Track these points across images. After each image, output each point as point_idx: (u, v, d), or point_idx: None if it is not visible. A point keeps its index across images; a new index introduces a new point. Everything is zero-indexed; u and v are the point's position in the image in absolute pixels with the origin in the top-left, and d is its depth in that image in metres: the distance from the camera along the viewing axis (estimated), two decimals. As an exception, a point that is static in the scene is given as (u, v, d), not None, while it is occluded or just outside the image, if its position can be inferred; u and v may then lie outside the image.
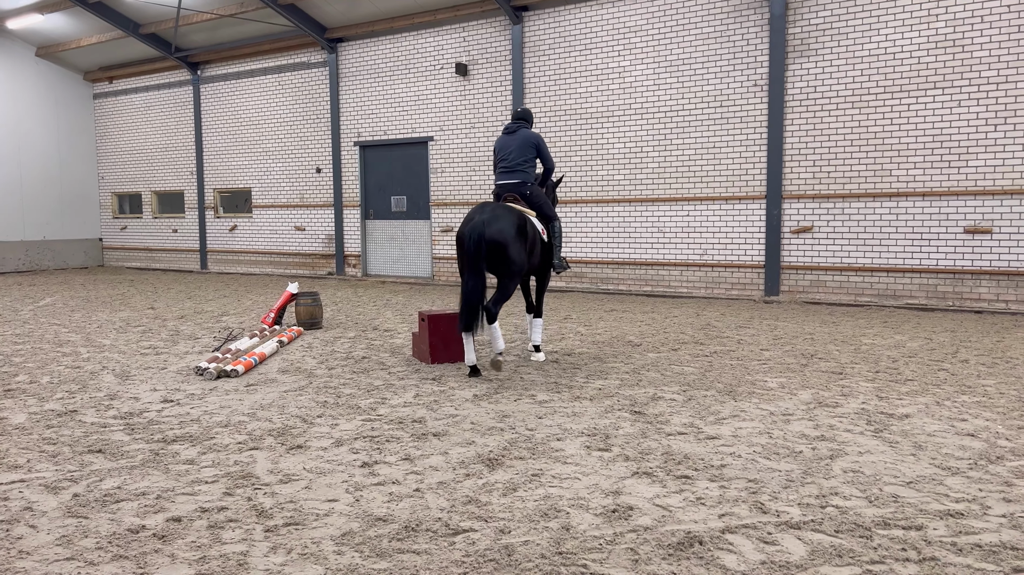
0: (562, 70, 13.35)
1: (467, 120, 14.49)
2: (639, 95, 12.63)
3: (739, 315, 10.09)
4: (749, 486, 3.82)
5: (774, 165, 11.47)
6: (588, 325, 9.31)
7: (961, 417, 5.02)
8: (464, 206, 14.67)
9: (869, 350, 7.47)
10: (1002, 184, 10.01)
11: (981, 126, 10.09)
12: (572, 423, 5.00)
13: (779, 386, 5.98)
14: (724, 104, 11.89)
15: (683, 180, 12.34)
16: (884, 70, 10.64)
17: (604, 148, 13.05)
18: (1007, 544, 3.11)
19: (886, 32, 10.59)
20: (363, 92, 15.79)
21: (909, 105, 10.51)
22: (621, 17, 12.68)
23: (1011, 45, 9.82)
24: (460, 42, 14.43)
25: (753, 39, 11.57)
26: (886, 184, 10.73)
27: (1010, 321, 9.34)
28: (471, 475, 4.04)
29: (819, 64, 11.09)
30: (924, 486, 3.79)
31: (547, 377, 6.37)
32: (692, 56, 12.10)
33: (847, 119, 10.95)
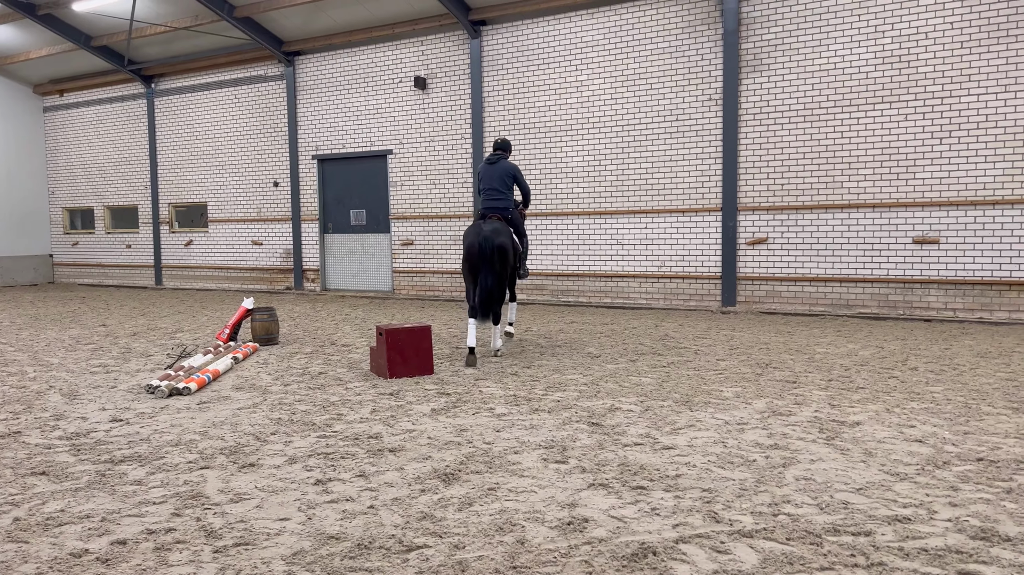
0: (521, 84, 13.42)
1: (427, 133, 14.48)
2: (597, 109, 12.75)
3: (697, 326, 10.19)
4: (703, 495, 3.85)
5: (729, 178, 11.65)
6: (548, 337, 9.33)
7: (910, 424, 5.12)
8: (425, 219, 14.63)
9: (822, 359, 7.60)
10: (948, 196, 10.29)
11: (927, 139, 10.37)
12: (530, 436, 4.99)
13: (734, 395, 6.05)
14: (680, 118, 12.06)
15: (641, 193, 12.47)
16: (834, 84, 10.89)
17: (563, 161, 13.13)
18: (952, 548, 3.17)
19: (836, 48, 10.85)
20: (321, 105, 15.69)
21: (859, 119, 10.77)
22: (578, 32, 12.81)
23: (954, 61, 10.14)
24: (419, 56, 14.43)
25: (707, 54, 11.77)
26: (838, 196, 10.97)
27: (957, 329, 9.59)
28: (427, 491, 4.00)
29: (771, 79, 11.32)
30: (873, 492, 3.85)
31: (506, 390, 6.36)
32: (648, 71, 12.26)
33: (799, 132, 11.18)
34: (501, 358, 7.89)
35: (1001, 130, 9.92)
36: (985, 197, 10.07)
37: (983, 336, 8.93)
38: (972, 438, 4.75)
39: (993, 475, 4.06)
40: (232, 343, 8.76)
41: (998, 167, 9.97)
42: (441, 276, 14.57)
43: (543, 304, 13.25)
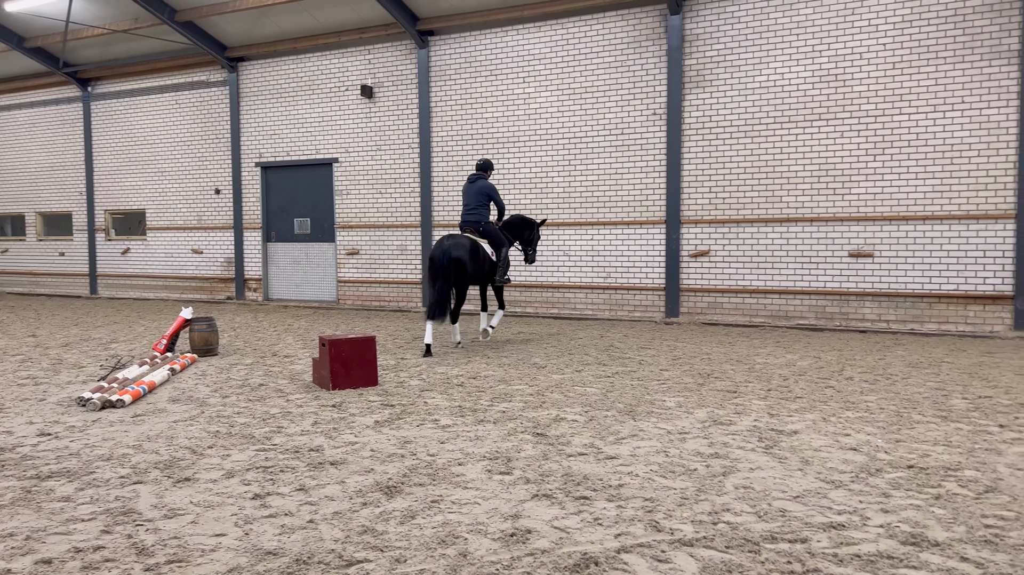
0: (469, 95, 13.44)
1: (373, 142, 14.38)
2: (544, 121, 12.85)
3: (641, 336, 10.31)
4: (645, 505, 3.88)
5: (673, 191, 11.84)
6: (495, 347, 9.32)
7: (845, 432, 5.26)
8: (371, 228, 14.51)
9: (762, 369, 7.76)
10: (882, 211, 10.65)
11: (862, 156, 10.72)
12: (474, 447, 4.96)
13: (677, 405, 6.12)
14: (625, 132, 12.23)
15: (587, 205, 12.58)
16: (774, 102, 11.19)
17: (511, 173, 13.18)
18: (884, 553, 3.25)
19: (775, 66, 11.15)
20: (265, 112, 15.46)
21: (797, 135, 11.08)
22: (525, 44, 12.90)
23: (887, 80, 10.51)
24: (366, 64, 14.34)
25: (652, 69, 11.97)
26: (777, 210, 11.24)
27: (891, 339, 9.90)
28: (368, 504, 3.94)
29: (714, 95, 11.56)
30: (810, 500, 3.93)
31: (451, 401, 6.32)
32: (595, 84, 12.41)
33: (740, 148, 11.44)
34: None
35: (931, 148, 10.32)
36: (916, 212, 10.44)
37: (915, 347, 9.24)
38: (903, 446, 4.90)
39: (923, 482, 4.18)
40: (169, 354, 8.53)
41: (928, 183, 10.36)
42: (388, 286, 14.45)
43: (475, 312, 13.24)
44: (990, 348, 9.06)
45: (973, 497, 3.93)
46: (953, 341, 9.69)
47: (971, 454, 4.70)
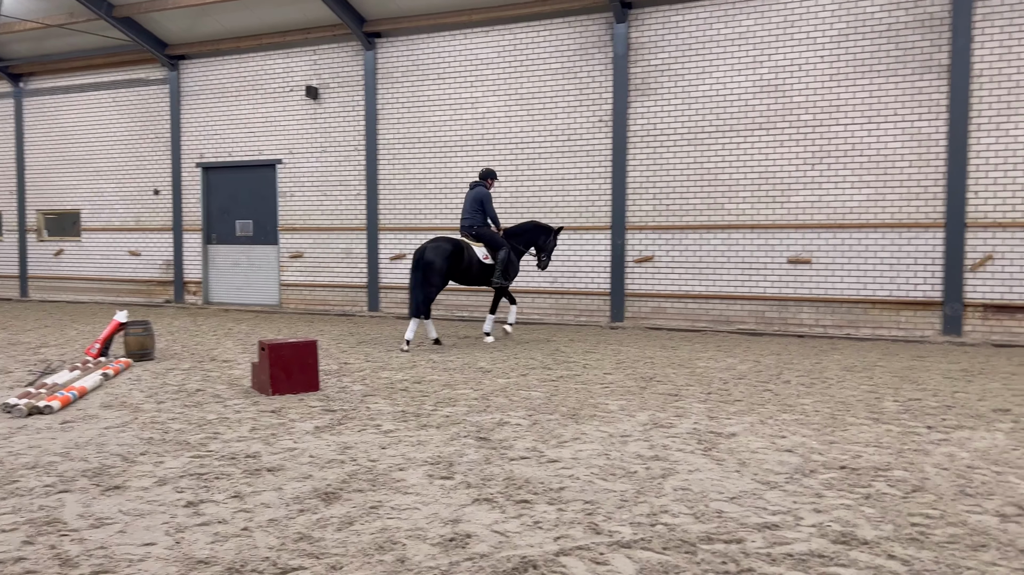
0: (416, 98, 13.38)
1: (318, 144, 14.20)
2: (491, 126, 12.86)
3: (586, 340, 10.38)
4: (585, 508, 3.90)
5: (618, 197, 11.97)
6: (441, 353, 9.27)
7: (781, 434, 5.37)
8: (315, 231, 14.31)
9: (703, 373, 7.88)
10: (819, 219, 10.93)
11: (800, 165, 11.00)
12: (416, 452, 4.92)
13: (619, 408, 6.18)
14: (572, 138, 12.32)
15: (534, 210, 12.63)
16: (716, 111, 11.40)
17: (458, 177, 13.15)
18: (815, 552, 3.32)
19: (718, 76, 11.37)
20: (207, 112, 15.13)
21: (738, 144, 11.31)
22: (473, 49, 12.91)
23: (825, 92, 10.81)
24: (311, 65, 14.16)
25: (598, 76, 12.09)
26: (719, 217, 11.45)
27: (827, 344, 10.16)
28: (305, 510, 3.87)
29: (658, 103, 11.73)
30: (746, 501, 4.00)
31: (394, 406, 6.26)
32: (542, 90, 12.48)
33: (684, 155, 11.63)
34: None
35: (866, 158, 10.64)
36: (852, 220, 10.75)
37: (850, 351, 9.50)
38: (837, 447, 5.02)
39: (854, 482, 4.30)
40: (103, 359, 8.26)
41: (863, 192, 10.68)
42: (332, 290, 14.26)
43: (437, 319, 13.17)
44: (920, 352, 9.37)
45: (901, 496, 4.05)
46: (886, 345, 10.00)
47: (900, 455, 4.84)
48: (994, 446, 5.05)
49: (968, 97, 10.03)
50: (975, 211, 10.14)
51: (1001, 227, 10.02)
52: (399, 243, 13.70)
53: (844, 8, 10.64)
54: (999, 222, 10.01)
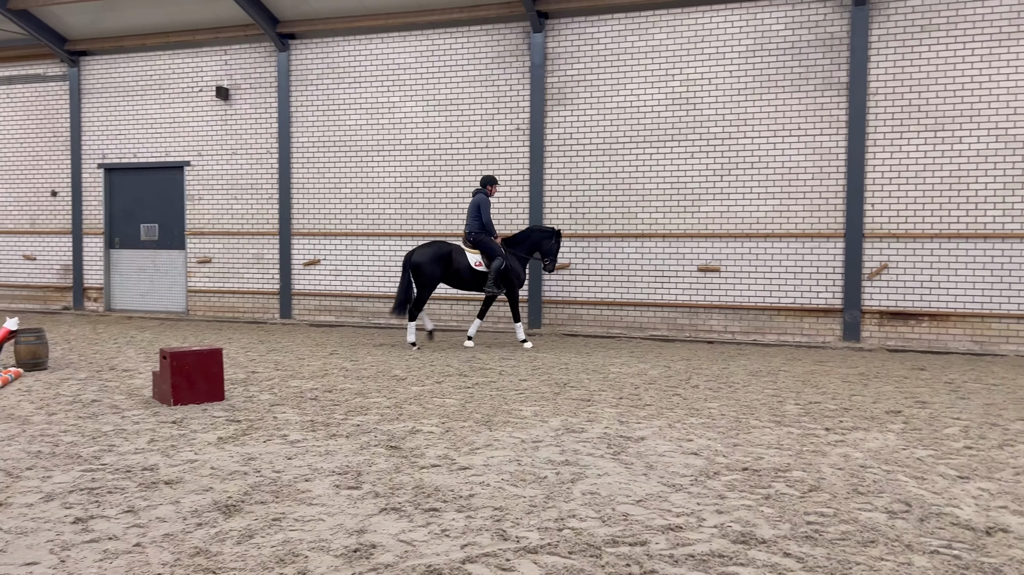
0: (331, 101, 13.17)
1: (228, 146, 13.79)
2: (409, 131, 12.77)
3: (503, 347, 10.40)
4: (494, 514, 3.88)
5: (535, 205, 12.06)
6: (354, 360, 9.12)
7: (688, 437, 5.49)
8: (225, 235, 13.88)
9: (616, 378, 8.00)
10: (728, 228, 11.28)
11: (710, 176, 11.33)
12: (324, 462, 4.81)
13: (533, 414, 6.20)
14: (490, 145, 12.35)
15: (452, 216, 12.59)
16: (630, 121, 11.64)
17: (375, 182, 13.00)
18: (716, 553, 3.40)
19: (632, 87, 11.61)
20: (110, 111, 14.50)
21: (651, 155, 11.57)
22: (390, 54, 12.80)
23: (733, 106, 11.18)
24: (222, 65, 13.76)
25: (516, 85, 12.17)
26: (633, 226, 11.68)
27: (735, 350, 10.48)
28: (204, 524, 3.72)
29: (575, 113, 11.89)
30: (651, 503, 4.06)
31: (303, 415, 6.11)
32: (460, 97, 12.47)
33: (599, 165, 11.82)
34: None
35: (771, 170, 11.04)
36: (758, 230, 11.13)
37: (756, 356, 9.82)
38: (740, 449, 5.17)
39: (755, 483, 4.42)
40: (-11, 369, 7.77)
41: (769, 203, 11.08)
42: (242, 296, 13.86)
43: (353, 326, 12.97)
44: (822, 357, 9.77)
45: (798, 496, 4.19)
46: (790, 351, 10.38)
47: (799, 456, 5.02)
48: (885, 446, 5.29)
49: (865, 114, 10.54)
50: (872, 222, 10.65)
51: (895, 238, 10.56)
52: (313, 248, 13.43)
53: (751, 25, 11.04)
54: (894, 233, 10.55)
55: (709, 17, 11.23)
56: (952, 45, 10.20)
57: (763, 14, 10.98)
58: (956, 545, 3.50)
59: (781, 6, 10.89)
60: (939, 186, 10.35)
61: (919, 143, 10.40)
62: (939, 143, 10.32)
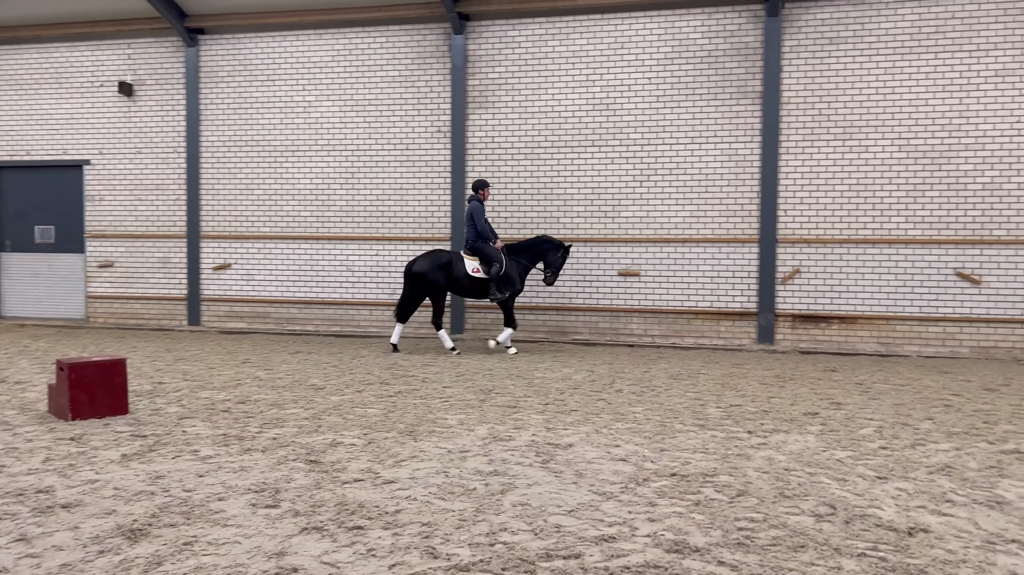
0: (243, 99, 12.69)
1: (133, 144, 13.11)
2: (326, 131, 12.43)
3: (426, 353, 10.21)
4: (423, 530, 3.72)
5: (458, 209, 11.91)
6: (269, 369, 8.76)
7: (615, 443, 5.46)
8: (129, 239, 13.18)
9: (541, 383, 7.94)
10: (647, 233, 11.41)
11: (630, 182, 11.44)
12: (238, 479, 4.54)
13: (458, 423, 6.05)
14: (410, 147, 12.14)
15: (372, 219, 12.32)
16: (552, 126, 11.64)
17: (290, 183, 12.59)
18: (651, 563, 3.34)
19: (553, 92, 11.62)
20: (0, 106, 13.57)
21: (572, 160, 11.60)
22: (306, 51, 12.43)
23: (652, 112, 11.32)
24: (125, 59, 13.08)
25: (437, 87, 12.01)
26: (554, 231, 11.67)
27: (655, 353, 10.60)
28: (106, 552, 3.43)
29: (496, 116, 11.82)
30: (583, 513, 3.98)
31: (215, 429, 5.79)
32: (379, 98, 12.21)
33: (521, 169, 11.77)
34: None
35: (689, 176, 11.24)
36: (677, 235, 11.31)
37: (676, 359, 9.95)
38: (667, 455, 5.16)
39: (684, 489, 4.41)
40: None
41: (687, 209, 11.27)
42: (148, 302, 13.18)
43: (266, 333, 12.51)
44: (739, 360, 9.98)
45: (727, 501, 4.20)
46: (708, 354, 10.57)
47: (725, 460, 5.05)
48: (807, 448, 5.39)
49: (778, 122, 10.86)
50: (785, 228, 10.97)
51: (807, 243, 10.90)
52: (224, 252, 12.90)
53: (669, 33, 11.22)
54: (805, 238, 10.89)
55: (628, 24, 11.35)
56: (859, 58, 10.62)
57: (681, 22, 11.17)
58: (881, 547, 3.55)
59: (698, 15, 11.10)
60: (847, 193, 10.75)
61: (829, 151, 10.78)
62: (847, 151, 10.72)
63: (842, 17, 10.66)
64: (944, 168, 10.44)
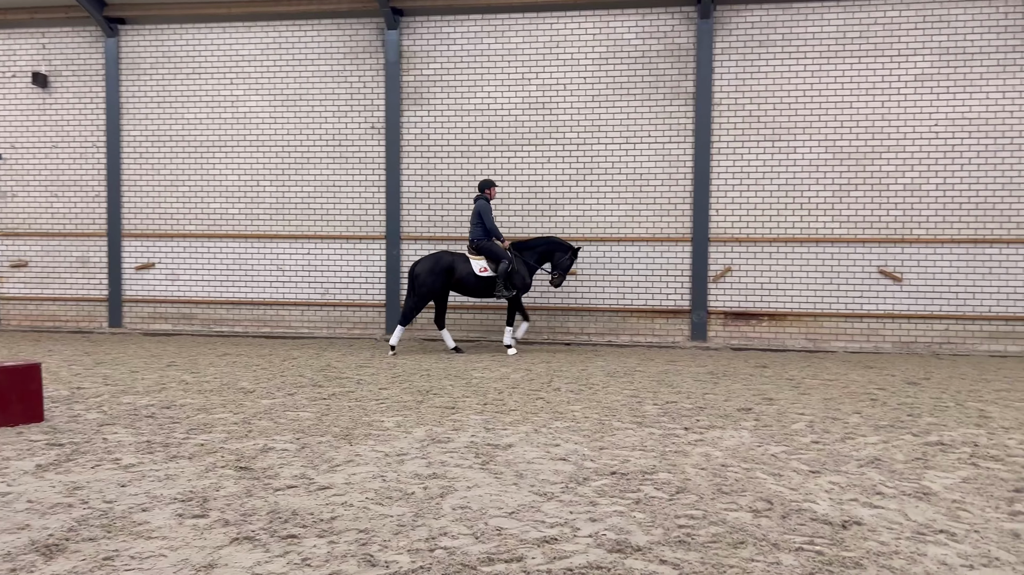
0: (168, 92, 12.23)
1: (48, 138, 12.49)
2: (255, 127, 12.08)
3: (360, 354, 10.02)
4: (359, 537, 3.61)
5: (393, 207, 11.74)
6: (195, 372, 8.44)
7: (555, 442, 5.42)
8: (44, 237, 12.56)
9: (479, 383, 7.86)
10: (583, 232, 11.46)
11: (567, 181, 11.47)
12: (163, 489, 4.33)
13: (395, 425, 5.93)
14: (343, 143, 11.90)
15: (303, 217, 12.03)
16: (488, 124, 11.58)
17: (217, 179, 12.19)
18: (594, 564, 3.30)
19: (489, 90, 11.56)
20: (-99, 94, 12.77)
21: (509, 158, 11.56)
22: (234, 44, 12.05)
23: (588, 112, 11.37)
24: (39, 49, 12.44)
25: (370, 82, 11.80)
26: (491, 228, 11.61)
27: (592, 351, 10.65)
28: (19, 570, 3.21)
29: (432, 113, 11.69)
30: (524, 515, 3.93)
31: (138, 436, 5.52)
32: (310, 92, 11.93)
33: (457, 167, 11.67)
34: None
35: (624, 176, 11.33)
36: (612, 235, 11.39)
37: (612, 357, 10.01)
38: (607, 453, 5.16)
39: (624, 487, 4.40)
40: None
41: (622, 208, 11.36)
42: (65, 304, 12.58)
43: (192, 335, 12.09)
44: (673, 357, 10.11)
45: (667, 499, 4.20)
46: (644, 351, 10.68)
47: (663, 457, 5.07)
48: (742, 444, 5.46)
49: (710, 123, 11.04)
50: (716, 227, 11.16)
51: (738, 242, 11.12)
52: (147, 251, 12.41)
53: (604, 33, 11.28)
54: (736, 237, 11.11)
55: (564, 23, 11.37)
56: (787, 60, 10.89)
57: (615, 23, 11.25)
58: (818, 541, 3.60)
59: (632, 16, 11.20)
60: (776, 193, 11.00)
61: (759, 152, 11.02)
62: (776, 152, 10.97)
63: (771, 20, 10.90)
64: (868, 169, 10.80)
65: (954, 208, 10.65)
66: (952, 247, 10.66)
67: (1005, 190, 10.54)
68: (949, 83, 10.58)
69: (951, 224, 10.66)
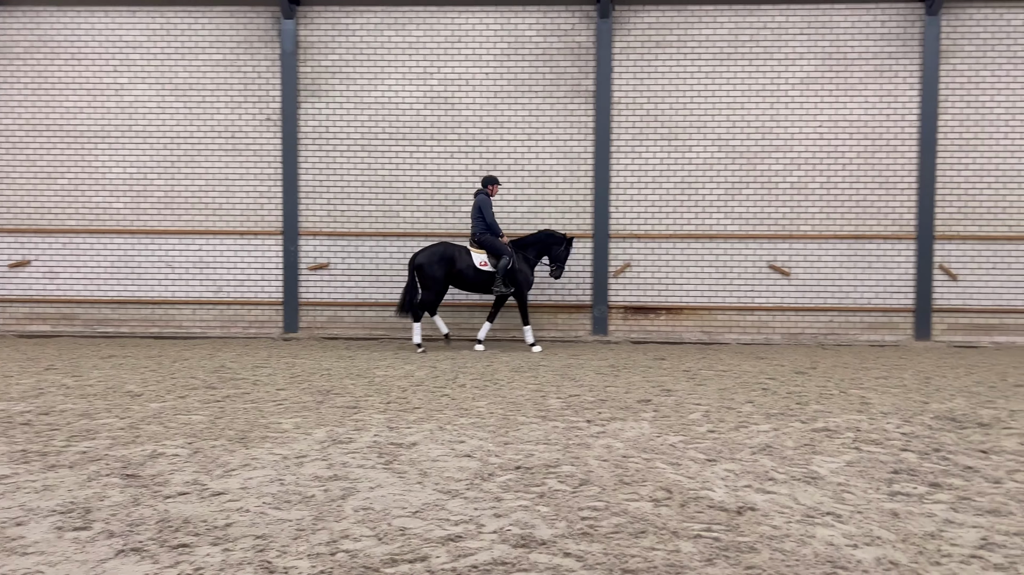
0: (44, 79, 11.46)
1: (-93, 125, 11.50)
2: (141, 117, 11.48)
3: (256, 354, 9.69)
4: (256, 544, 3.47)
5: (290, 201, 11.41)
6: (77, 375, 7.95)
7: (460, 439, 5.39)
8: (-97, 234, 11.55)
9: (382, 382, 7.74)
10: (486, 227, 11.45)
11: (470, 176, 11.44)
12: (41, 500, 4.04)
13: (294, 427, 5.76)
14: (237, 136, 11.48)
15: (194, 212, 11.53)
16: (389, 118, 11.41)
17: (99, 172, 11.52)
18: (498, 560, 3.29)
19: (389, 83, 11.39)
20: None
21: (412, 153, 11.43)
22: (117, 29, 11.41)
23: (490, 108, 11.37)
24: None
25: (265, 72, 11.42)
26: (394, 225, 11.46)
27: (496, 347, 10.66)
28: None
29: (330, 105, 11.41)
30: (428, 513, 3.88)
31: (12, 445, 5.15)
32: (201, 82, 11.44)
33: (358, 161, 11.45)
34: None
35: (527, 173, 11.40)
36: (516, 232, 11.43)
37: (516, 353, 10.06)
38: (511, 448, 5.17)
39: (529, 482, 4.42)
40: None
41: (525, 205, 11.42)
42: (-71, 305, 11.62)
43: (74, 336, 11.40)
44: (576, 351, 10.25)
45: (571, 492, 4.24)
46: (548, 346, 10.78)
47: (567, 450, 5.12)
48: (642, 435, 5.58)
49: (610, 121, 11.24)
50: (616, 224, 11.39)
51: (637, 238, 11.38)
52: (21, 248, 11.61)
53: (505, 30, 11.31)
54: (635, 233, 11.36)
55: (465, 18, 11.32)
56: (683, 61, 11.21)
57: (516, 19, 11.29)
58: (715, 527, 3.72)
59: (533, 12, 11.27)
60: (673, 191, 11.32)
61: (656, 151, 11.30)
62: (672, 151, 11.29)
63: (667, 22, 11.19)
64: (758, 168, 11.26)
65: (837, 206, 11.24)
66: (835, 243, 11.25)
67: (882, 188, 11.21)
68: (832, 87, 11.16)
69: (834, 221, 11.25)
